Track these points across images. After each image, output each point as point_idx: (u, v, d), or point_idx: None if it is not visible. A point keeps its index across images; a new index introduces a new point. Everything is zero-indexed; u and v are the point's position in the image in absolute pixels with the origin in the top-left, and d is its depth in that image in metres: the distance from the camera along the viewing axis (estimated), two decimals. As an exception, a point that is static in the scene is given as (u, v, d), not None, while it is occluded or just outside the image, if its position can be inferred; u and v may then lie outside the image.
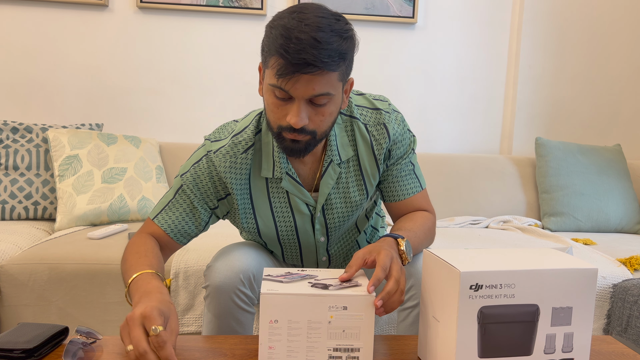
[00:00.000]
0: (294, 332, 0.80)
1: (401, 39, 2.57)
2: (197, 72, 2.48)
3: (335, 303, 0.79)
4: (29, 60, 2.37)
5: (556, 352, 0.80)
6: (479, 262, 0.78)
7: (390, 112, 1.11)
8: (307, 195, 1.10)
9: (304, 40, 0.86)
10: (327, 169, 1.09)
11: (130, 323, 0.77)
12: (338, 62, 0.90)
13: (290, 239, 1.16)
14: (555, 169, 2.36)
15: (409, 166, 1.15)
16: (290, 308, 0.79)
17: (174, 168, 2.30)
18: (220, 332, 1.08)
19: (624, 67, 2.68)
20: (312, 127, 0.95)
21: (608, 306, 1.66)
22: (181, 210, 1.08)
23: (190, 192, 1.07)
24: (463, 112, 2.67)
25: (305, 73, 0.88)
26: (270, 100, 0.95)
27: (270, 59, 0.91)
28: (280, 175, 1.08)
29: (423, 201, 1.18)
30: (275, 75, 0.90)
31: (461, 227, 2.25)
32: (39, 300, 1.58)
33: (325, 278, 0.86)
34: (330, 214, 1.13)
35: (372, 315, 0.80)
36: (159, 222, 1.08)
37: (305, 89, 0.90)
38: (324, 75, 0.90)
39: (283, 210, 1.11)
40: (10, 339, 0.83)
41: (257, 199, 1.10)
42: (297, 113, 0.92)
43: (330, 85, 0.92)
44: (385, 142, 1.10)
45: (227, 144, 1.07)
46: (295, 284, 0.83)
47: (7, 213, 2.03)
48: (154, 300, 0.82)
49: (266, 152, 1.08)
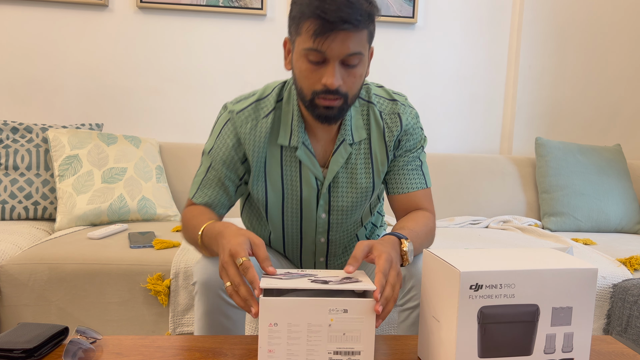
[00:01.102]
0: (293, 335, 0.79)
1: (401, 39, 2.57)
2: (197, 72, 2.48)
3: (336, 306, 0.78)
4: (29, 60, 2.37)
5: (556, 352, 0.80)
6: (479, 262, 0.78)
7: (406, 105, 1.17)
8: (318, 167, 1.14)
9: (337, 1, 0.94)
10: (339, 147, 1.13)
11: (225, 265, 0.86)
12: (368, 22, 0.98)
13: (293, 211, 1.18)
14: (555, 169, 2.36)
15: (416, 162, 1.18)
16: (290, 311, 0.78)
17: (174, 168, 2.30)
18: (211, 328, 1.08)
19: (624, 67, 2.69)
20: (345, 90, 1.01)
21: (608, 306, 1.66)
22: (214, 186, 1.15)
23: (220, 168, 1.14)
24: (463, 112, 2.67)
25: (342, 30, 0.95)
26: (303, 67, 1.01)
27: (303, 23, 0.97)
28: (296, 144, 1.12)
29: (425, 200, 1.18)
30: (312, 37, 0.96)
31: (461, 227, 2.25)
32: (39, 300, 1.58)
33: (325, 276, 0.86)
34: (335, 193, 1.16)
35: (373, 319, 0.80)
36: (197, 200, 1.17)
37: (341, 47, 0.96)
38: (357, 33, 0.97)
39: (293, 179, 1.15)
40: (10, 339, 0.83)
41: (270, 165, 1.15)
42: (332, 73, 0.98)
43: (361, 44, 0.99)
44: (397, 130, 1.14)
45: (251, 106, 1.13)
46: (295, 280, 0.82)
47: (7, 213, 2.03)
48: (231, 238, 0.88)
49: (285, 120, 1.13)
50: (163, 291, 1.57)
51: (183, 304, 1.59)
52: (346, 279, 0.85)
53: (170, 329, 1.60)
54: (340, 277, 0.86)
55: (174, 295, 1.58)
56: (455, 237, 2.01)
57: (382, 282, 0.82)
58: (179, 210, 2.22)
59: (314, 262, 1.29)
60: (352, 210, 1.19)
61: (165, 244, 1.69)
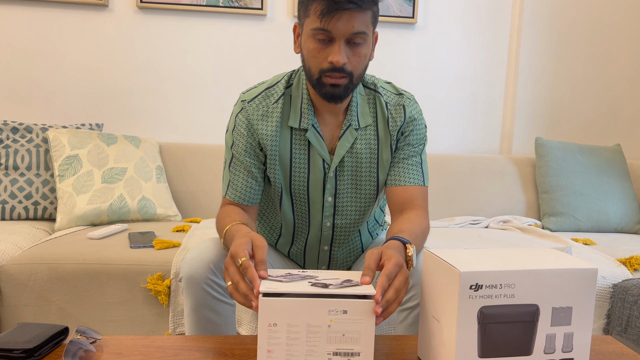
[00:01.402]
0: (293, 336, 0.79)
1: (401, 39, 2.57)
2: (197, 72, 2.48)
3: (335, 307, 0.78)
4: (29, 60, 2.37)
5: (556, 352, 0.80)
6: (479, 262, 0.78)
7: (412, 99, 1.22)
8: (325, 150, 1.19)
9: None
10: (345, 132, 1.18)
11: (227, 265, 0.89)
12: (371, 3, 1.06)
13: (301, 193, 1.22)
14: (555, 169, 2.36)
15: (417, 158, 1.20)
16: (289, 311, 0.78)
17: (174, 168, 2.30)
18: (199, 324, 1.09)
19: (624, 67, 2.69)
20: (350, 68, 1.07)
21: (608, 306, 1.66)
22: (242, 176, 1.20)
23: (242, 158, 1.19)
24: (463, 112, 2.67)
25: (347, 9, 1.02)
26: (311, 47, 1.07)
27: (311, 5, 1.05)
28: (305, 126, 1.17)
29: (421, 197, 1.19)
30: (319, 17, 1.03)
31: (461, 227, 2.25)
32: (39, 300, 1.58)
33: (326, 278, 0.86)
34: (342, 177, 1.21)
35: (373, 320, 0.79)
36: (229, 197, 1.21)
37: (346, 26, 1.03)
38: (361, 12, 1.04)
39: (301, 161, 1.20)
40: (10, 339, 0.83)
41: (281, 148, 1.19)
42: (338, 51, 1.05)
43: (365, 24, 1.06)
44: (400, 120, 1.19)
45: (261, 94, 1.19)
46: (295, 283, 0.82)
47: (7, 213, 2.03)
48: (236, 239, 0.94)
49: (295, 104, 1.18)
50: (163, 291, 1.57)
51: (183, 304, 1.59)
52: (347, 281, 0.85)
53: (170, 329, 1.60)
54: (340, 279, 0.86)
55: (174, 295, 1.58)
56: (455, 237, 2.01)
57: (384, 285, 0.82)
58: (179, 211, 2.23)
59: (318, 251, 1.30)
60: (357, 195, 1.22)
61: (166, 244, 1.70)
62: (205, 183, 2.29)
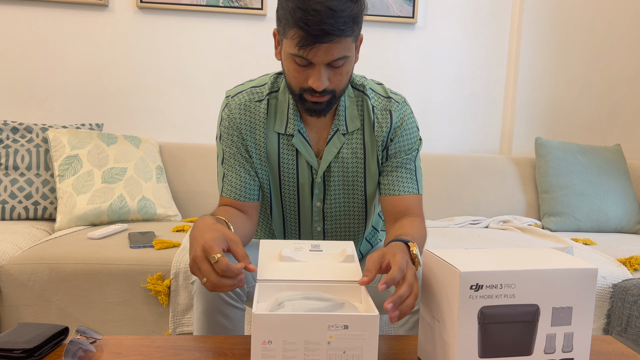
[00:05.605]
0: (289, 354, 0.73)
1: (401, 39, 2.57)
2: (197, 72, 2.48)
3: (335, 322, 0.73)
4: (29, 60, 2.37)
5: (556, 352, 0.80)
6: (479, 262, 0.78)
7: (400, 103, 1.18)
8: (312, 155, 1.17)
9: (321, 12, 0.94)
10: (333, 137, 1.16)
11: (197, 260, 0.84)
12: (352, 27, 0.99)
13: (291, 197, 1.21)
14: (555, 169, 2.36)
15: (410, 165, 1.18)
16: (285, 327, 0.73)
17: (174, 168, 2.30)
18: (210, 328, 1.08)
19: (624, 67, 2.69)
20: (332, 87, 1.04)
21: (608, 306, 1.66)
22: (235, 170, 1.17)
23: (232, 151, 1.16)
24: (463, 112, 2.67)
25: (325, 42, 0.96)
26: (291, 67, 1.03)
27: (289, 30, 0.99)
28: (292, 132, 1.15)
29: (417, 205, 1.17)
30: (296, 47, 0.98)
31: (461, 227, 2.25)
32: (39, 300, 1.58)
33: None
34: (329, 182, 1.19)
35: (376, 335, 0.75)
36: (226, 194, 1.18)
37: (325, 55, 0.99)
38: (341, 41, 0.98)
39: (290, 166, 1.18)
40: (10, 339, 0.83)
41: (269, 152, 1.18)
42: (318, 77, 1.01)
43: (346, 48, 1.00)
44: (387, 126, 1.16)
45: (246, 91, 1.17)
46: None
47: (7, 213, 2.03)
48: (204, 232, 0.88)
49: (281, 109, 1.16)
50: (163, 291, 1.57)
51: (183, 304, 1.59)
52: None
53: (170, 329, 1.60)
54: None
55: (174, 295, 1.58)
56: (455, 237, 2.01)
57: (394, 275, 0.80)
58: (179, 211, 2.22)
59: None
60: (346, 201, 1.21)
61: (166, 244, 1.69)
62: (205, 183, 2.28)
